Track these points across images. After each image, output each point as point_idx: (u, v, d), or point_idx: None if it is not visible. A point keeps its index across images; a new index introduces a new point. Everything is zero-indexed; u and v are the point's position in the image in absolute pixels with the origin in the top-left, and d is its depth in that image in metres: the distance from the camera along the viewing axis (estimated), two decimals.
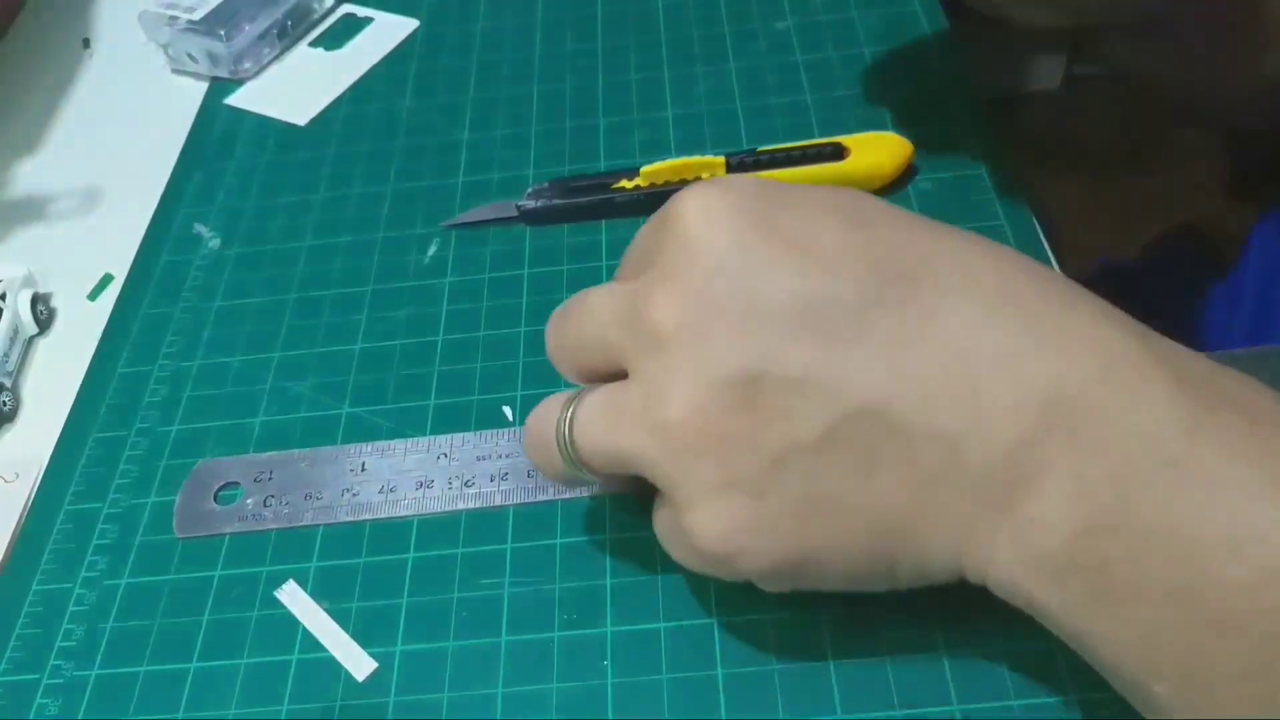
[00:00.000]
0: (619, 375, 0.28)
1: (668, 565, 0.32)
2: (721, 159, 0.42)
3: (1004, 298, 0.25)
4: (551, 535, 0.33)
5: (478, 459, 0.35)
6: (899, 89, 0.46)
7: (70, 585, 0.34)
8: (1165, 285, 0.47)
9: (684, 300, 0.26)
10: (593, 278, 0.41)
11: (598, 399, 0.28)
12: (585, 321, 0.28)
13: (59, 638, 0.33)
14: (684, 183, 0.42)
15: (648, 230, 0.29)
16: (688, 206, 0.26)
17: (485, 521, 0.34)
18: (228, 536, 0.35)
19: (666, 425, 0.26)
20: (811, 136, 0.44)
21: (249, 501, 0.35)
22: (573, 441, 0.28)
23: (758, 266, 0.25)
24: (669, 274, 0.26)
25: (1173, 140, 0.53)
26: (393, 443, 0.36)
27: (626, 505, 0.33)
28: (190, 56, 0.54)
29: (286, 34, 0.55)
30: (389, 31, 0.55)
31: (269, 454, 0.36)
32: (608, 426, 0.27)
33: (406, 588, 0.33)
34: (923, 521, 0.25)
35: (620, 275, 0.30)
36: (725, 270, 0.25)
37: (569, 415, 0.28)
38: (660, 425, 0.26)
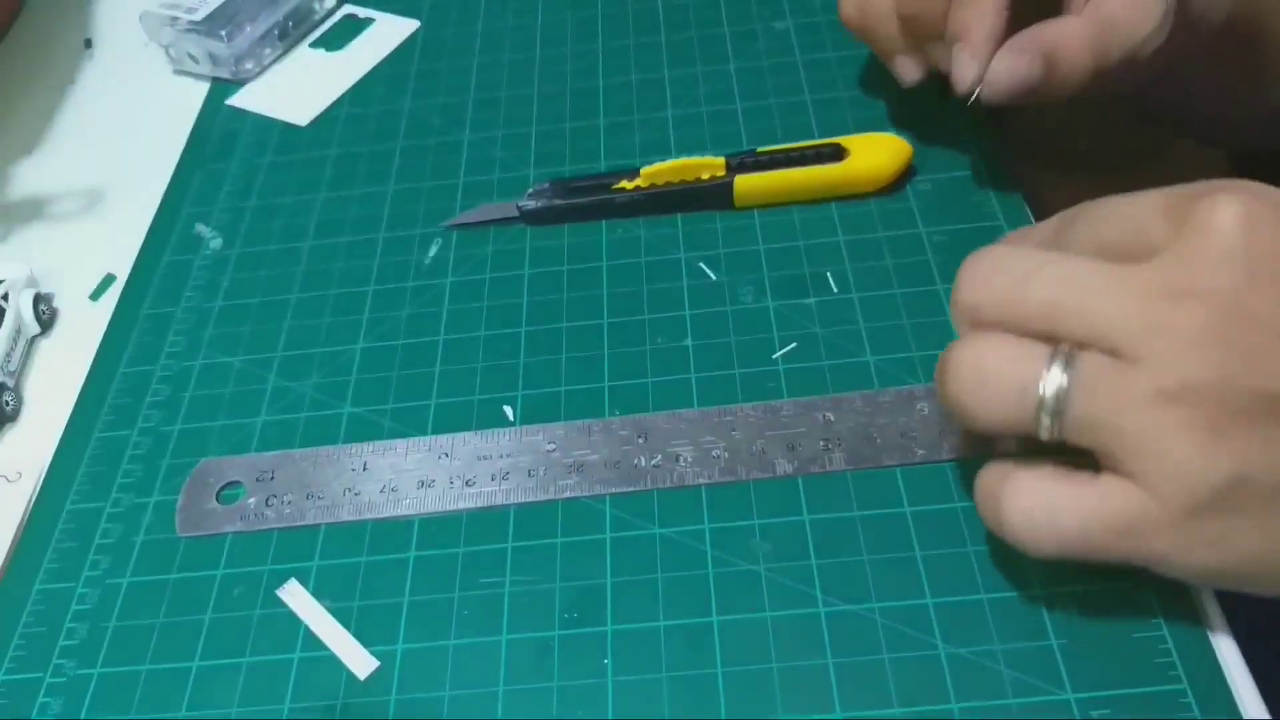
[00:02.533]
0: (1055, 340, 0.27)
1: (668, 565, 0.32)
2: (721, 159, 0.42)
3: None
4: (552, 534, 0.33)
5: (479, 458, 0.35)
6: (898, 89, 0.46)
7: (73, 584, 0.34)
8: None
9: (1217, 305, 0.25)
10: (593, 278, 0.41)
11: (1097, 368, 0.26)
12: (1076, 292, 0.27)
13: (62, 636, 0.33)
14: (684, 183, 0.42)
15: (1149, 211, 0.27)
16: (1228, 208, 0.25)
17: (486, 520, 0.34)
18: (230, 536, 0.35)
19: (1189, 415, 0.25)
20: (811, 137, 0.44)
21: (251, 501, 0.35)
22: (1062, 407, 0.26)
23: None
24: (1198, 272, 0.25)
25: (1172, 141, 0.53)
26: (394, 442, 0.36)
27: (626, 505, 0.34)
28: (191, 57, 0.54)
29: (287, 35, 0.55)
30: (390, 32, 0.55)
31: (271, 453, 0.37)
32: (1114, 399, 0.26)
33: (408, 586, 0.33)
34: None
35: (1079, 242, 0.29)
36: (1262, 281, 0.25)
37: (1062, 378, 0.26)
38: (1182, 412, 0.25)
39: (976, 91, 0.36)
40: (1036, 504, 0.27)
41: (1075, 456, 0.27)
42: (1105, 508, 0.27)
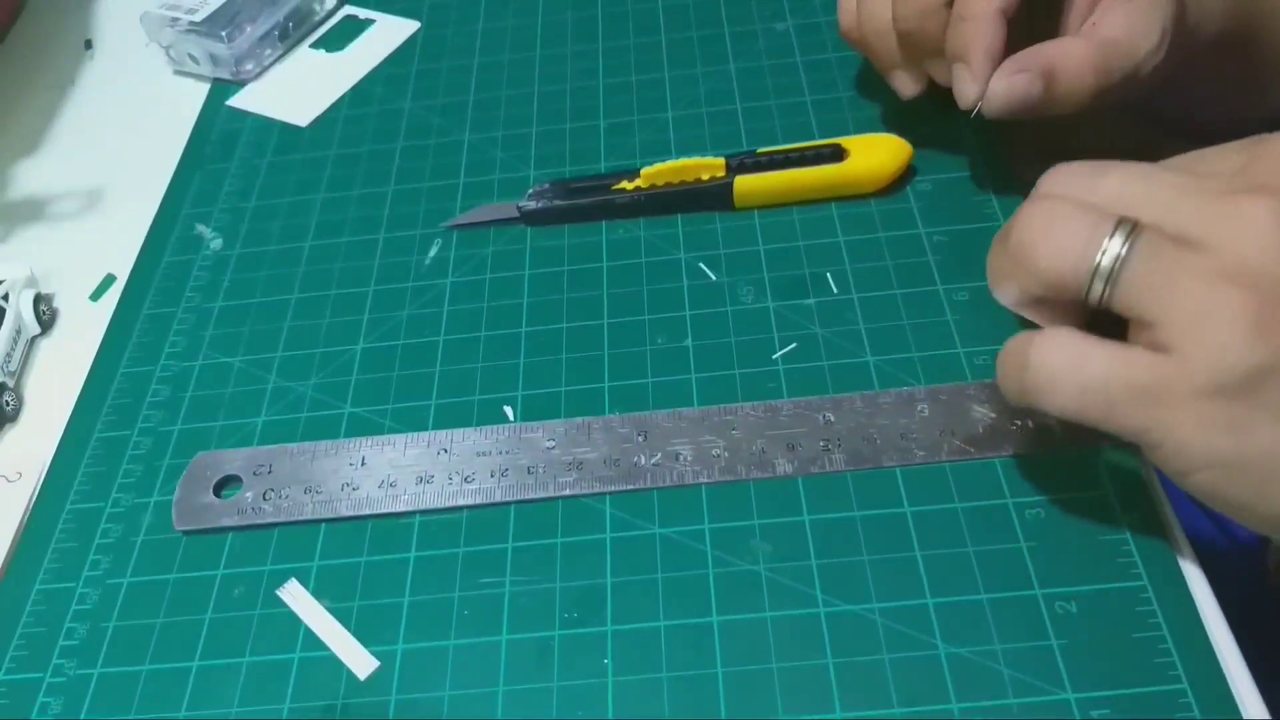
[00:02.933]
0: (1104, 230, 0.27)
1: (668, 565, 0.32)
2: (721, 160, 0.42)
3: None
4: (552, 534, 0.33)
5: (478, 454, 0.35)
6: None
7: (73, 584, 0.34)
8: None
9: None
10: (593, 278, 0.41)
11: (1159, 241, 0.27)
12: (1148, 184, 0.28)
13: (62, 636, 0.33)
14: (684, 184, 0.42)
15: (1225, 147, 0.29)
16: None
17: (486, 520, 0.34)
18: (230, 535, 0.35)
19: (1247, 297, 0.25)
20: (811, 138, 0.44)
21: (248, 495, 0.35)
22: (1118, 273, 0.27)
23: None
24: (1270, 174, 0.27)
25: (1172, 141, 0.53)
26: (392, 437, 0.36)
27: (626, 504, 0.34)
28: (192, 58, 0.54)
29: (288, 35, 0.55)
30: (390, 33, 0.55)
31: (268, 447, 0.37)
32: (1170, 271, 0.26)
33: (408, 586, 0.33)
34: None
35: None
36: None
37: (1123, 245, 0.27)
38: (1238, 291, 0.25)
39: (977, 108, 0.37)
40: (1064, 353, 0.28)
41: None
42: (1133, 367, 0.27)
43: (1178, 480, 0.28)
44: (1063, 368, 0.27)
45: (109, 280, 0.45)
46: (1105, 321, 0.28)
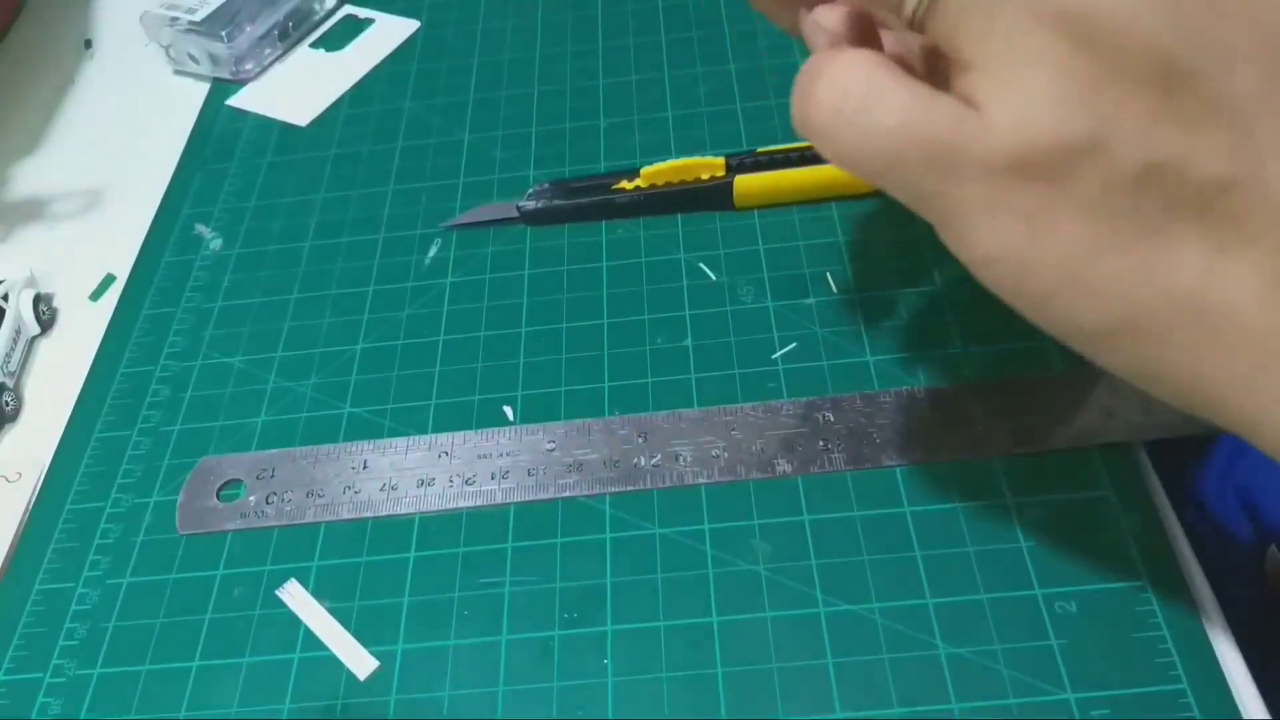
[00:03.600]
0: None
1: (668, 565, 0.32)
2: (721, 159, 0.42)
3: None
4: (552, 535, 0.33)
5: (479, 457, 0.35)
6: None
7: (73, 584, 0.34)
8: None
9: None
10: (593, 278, 0.41)
11: None
12: None
13: (61, 637, 0.33)
14: (684, 184, 0.42)
15: None
16: None
17: (486, 520, 0.34)
18: (230, 535, 0.35)
19: None
20: None
21: (251, 499, 0.35)
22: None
23: None
24: None
25: None
26: (394, 440, 0.36)
27: (626, 504, 0.34)
28: (192, 57, 0.54)
29: (288, 35, 0.55)
30: (390, 33, 0.55)
31: (271, 451, 0.37)
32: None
33: (408, 586, 0.33)
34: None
35: None
36: None
37: None
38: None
39: None
40: (860, 88, 0.22)
41: None
42: (931, 118, 0.21)
43: (970, 268, 0.22)
44: (853, 106, 0.22)
45: (109, 280, 0.45)
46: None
